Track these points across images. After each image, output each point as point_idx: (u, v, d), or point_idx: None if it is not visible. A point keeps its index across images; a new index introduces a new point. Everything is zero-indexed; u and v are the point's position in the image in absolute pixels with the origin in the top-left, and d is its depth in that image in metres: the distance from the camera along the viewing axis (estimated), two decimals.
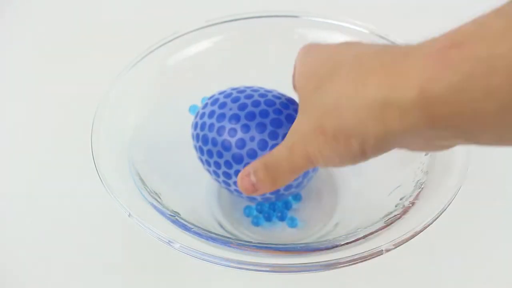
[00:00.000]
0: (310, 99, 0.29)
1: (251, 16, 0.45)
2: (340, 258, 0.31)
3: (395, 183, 0.39)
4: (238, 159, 0.36)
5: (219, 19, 0.45)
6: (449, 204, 0.33)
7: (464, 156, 0.36)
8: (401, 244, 0.32)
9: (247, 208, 0.44)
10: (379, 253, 0.31)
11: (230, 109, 0.36)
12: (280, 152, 0.30)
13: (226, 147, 0.36)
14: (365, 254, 0.31)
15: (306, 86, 0.30)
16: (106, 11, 0.63)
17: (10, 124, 0.52)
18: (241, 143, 0.36)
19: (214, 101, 0.38)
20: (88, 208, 0.44)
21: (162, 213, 0.35)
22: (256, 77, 0.44)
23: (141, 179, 0.37)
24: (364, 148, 0.26)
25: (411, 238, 0.32)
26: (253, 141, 0.36)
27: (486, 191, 0.45)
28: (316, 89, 0.28)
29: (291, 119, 0.36)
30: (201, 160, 0.39)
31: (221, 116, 0.36)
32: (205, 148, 0.37)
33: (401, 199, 0.37)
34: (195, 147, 0.39)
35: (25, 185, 0.47)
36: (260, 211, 0.44)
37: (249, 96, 0.37)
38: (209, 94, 0.39)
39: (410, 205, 0.35)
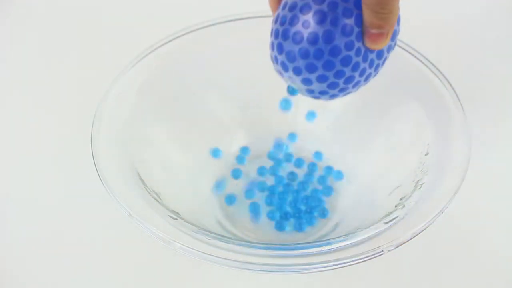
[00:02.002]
0: None
1: (251, 16, 0.45)
2: (340, 258, 0.31)
3: (395, 183, 0.39)
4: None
5: (219, 19, 0.45)
6: (449, 204, 0.33)
7: (464, 156, 0.36)
8: (401, 244, 0.32)
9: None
10: (379, 253, 0.31)
11: None
12: None
13: None
14: (365, 254, 0.31)
15: None
16: (107, 11, 0.63)
17: (10, 124, 0.52)
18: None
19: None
20: (88, 208, 0.44)
21: (162, 213, 0.35)
22: (256, 76, 0.44)
23: (141, 179, 0.37)
24: None
25: (411, 238, 0.32)
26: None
27: (486, 191, 0.45)
28: None
29: None
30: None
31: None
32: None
33: (401, 199, 0.37)
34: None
35: (25, 185, 0.47)
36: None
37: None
38: (208, 94, 0.39)
39: (410, 205, 0.35)
